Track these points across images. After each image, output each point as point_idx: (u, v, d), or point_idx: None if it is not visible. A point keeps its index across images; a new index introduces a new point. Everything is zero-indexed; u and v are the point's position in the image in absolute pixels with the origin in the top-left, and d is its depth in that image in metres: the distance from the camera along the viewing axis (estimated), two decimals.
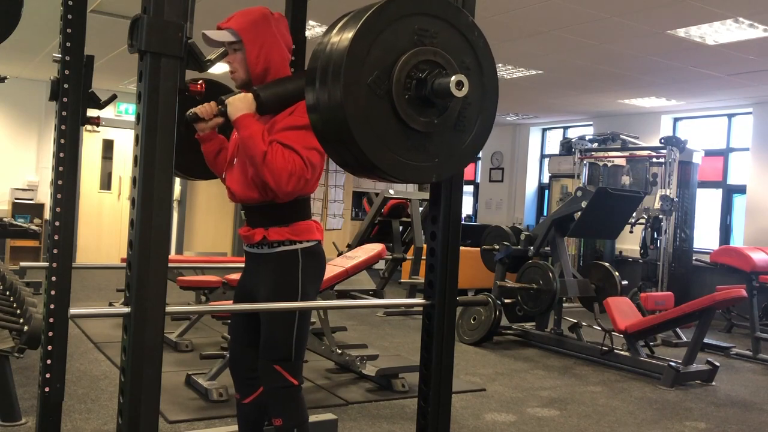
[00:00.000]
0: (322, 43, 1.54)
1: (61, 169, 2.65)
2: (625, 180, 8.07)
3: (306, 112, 1.63)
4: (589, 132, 9.62)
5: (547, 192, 10.74)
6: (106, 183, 10.27)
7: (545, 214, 10.75)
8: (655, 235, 7.23)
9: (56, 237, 2.64)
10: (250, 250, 2.39)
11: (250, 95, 2.18)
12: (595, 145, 8.26)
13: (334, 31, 1.53)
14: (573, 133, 10.50)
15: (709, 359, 5.21)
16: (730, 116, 8.71)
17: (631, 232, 7.37)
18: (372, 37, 1.45)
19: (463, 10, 1.61)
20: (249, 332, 2.42)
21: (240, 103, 2.16)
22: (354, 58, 1.43)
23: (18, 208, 9.27)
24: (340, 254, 6.31)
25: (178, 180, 10.45)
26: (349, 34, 1.44)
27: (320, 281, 2.44)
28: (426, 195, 7.53)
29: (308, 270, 2.32)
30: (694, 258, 8.07)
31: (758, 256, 6.16)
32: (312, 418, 3.27)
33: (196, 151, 2.42)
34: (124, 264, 1.55)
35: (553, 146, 10.94)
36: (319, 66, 1.50)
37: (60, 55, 2.66)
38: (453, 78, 1.46)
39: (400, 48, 1.49)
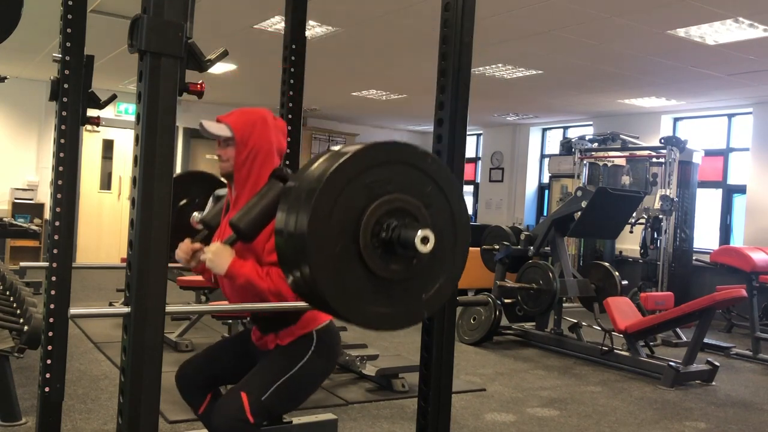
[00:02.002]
0: (280, 229, 1.48)
1: (61, 169, 2.64)
2: (625, 180, 8.06)
3: None
4: (589, 132, 9.62)
5: (547, 192, 10.74)
6: (106, 183, 10.27)
7: (545, 214, 10.75)
8: (655, 235, 7.23)
9: (56, 237, 2.64)
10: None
11: (222, 246, 2.13)
12: (595, 145, 8.26)
13: (286, 217, 1.46)
14: (573, 133, 10.50)
15: (709, 359, 5.21)
16: (730, 116, 8.71)
17: (631, 232, 7.37)
18: (325, 215, 1.38)
19: (408, 145, 1.51)
20: (231, 365, 2.40)
21: (219, 259, 2.12)
22: (316, 238, 1.38)
23: (18, 208, 9.27)
24: None
25: None
26: (303, 220, 1.38)
27: (332, 360, 2.39)
28: None
29: (320, 347, 2.28)
30: (694, 258, 8.08)
31: (758, 256, 6.16)
32: (312, 418, 3.28)
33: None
34: (124, 264, 1.55)
35: (553, 146, 10.93)
36: (285, 255, 1.47)
37: (60, 55, 2.66)
38: (419, 233, 1.40)
39: (358, 209, 1.42)
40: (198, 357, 2.55)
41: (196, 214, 2.77)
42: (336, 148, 1.50)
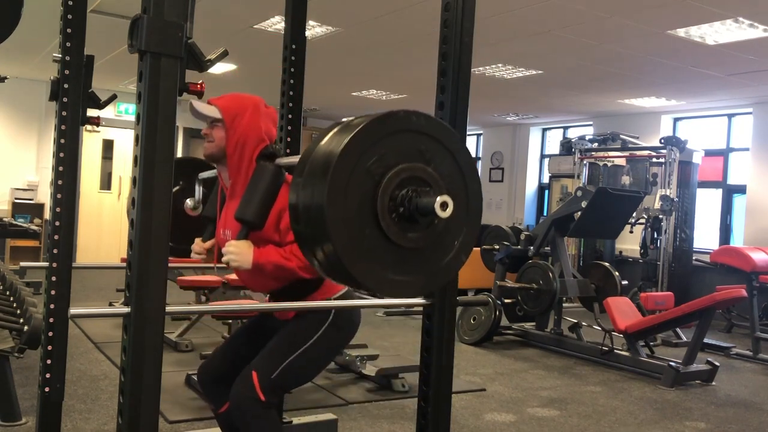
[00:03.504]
0: (295, 186, 1.49)
1: (61, 169, 2.64)
2: (625, 180, 8.06)
3: None
4: (589, 132, 9.62)
5: (547, 192, 10.74)
6: (106, 183, 10.27)
7: (545, 214, 10.75)
8: (655, 235, 7.23)
9: (56, 237, 2.63)
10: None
11: (239, 243, 2.14)
12: (595, 145, 8.26)
13: (303, 181, 1.47)
14: (573, 133, 10.50)
15: (709, 359, 5.21)
16: (730, 116, 8.71)
17: (631, 232, 7.37)
18: (343, 183, 1.41)
19: (391, 113, 1.51)
20: (248, 349, 2.41)
21: (242, 256, 2.13)
22: (335, 202, 1.40)
23: (18, 208, 9.27)
24: None
25: None
26: (322, 189, 1.40)
27: (351, 328, 2.39)
28: None
29: (338, 316, 2.28)
30: (694, 258, 8.08)
31: (758, 256, 6.16)
32: (312, 418, 3.28)
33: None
34: (124, 264, 1.55)
35: (553, 146, 10.93)
36: (300, 209, 1.48)
37: (60, 55, 2.65)
38: (438, 200, 1.43)
39: (369, 192, 1.45)
40: (219, 347, 2.56)
41: (188, 201, 2.83)
42: (327, 137, 1.53)
